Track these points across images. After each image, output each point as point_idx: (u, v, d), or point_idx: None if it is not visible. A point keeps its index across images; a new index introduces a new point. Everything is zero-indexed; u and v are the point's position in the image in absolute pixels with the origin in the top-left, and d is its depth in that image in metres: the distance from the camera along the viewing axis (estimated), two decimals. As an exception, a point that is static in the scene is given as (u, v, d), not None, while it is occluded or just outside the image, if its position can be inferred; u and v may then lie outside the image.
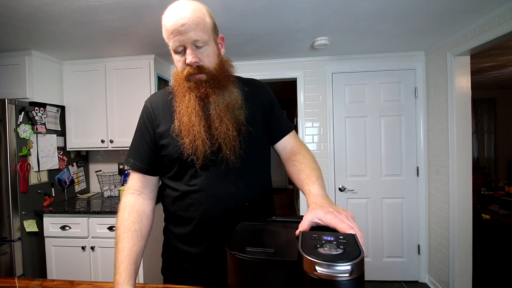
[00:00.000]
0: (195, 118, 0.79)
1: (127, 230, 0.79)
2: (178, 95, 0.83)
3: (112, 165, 2.83)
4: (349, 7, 1.63)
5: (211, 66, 0.81)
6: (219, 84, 0.82)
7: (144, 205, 0.87)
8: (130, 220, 0.81)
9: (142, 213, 0.85)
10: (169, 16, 0.76)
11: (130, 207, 0.83)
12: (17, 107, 2.06)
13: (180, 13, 0.74)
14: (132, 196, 0.86)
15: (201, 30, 0.76)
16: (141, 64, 2.41)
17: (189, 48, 0.76)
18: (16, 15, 1.59)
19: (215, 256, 0.83)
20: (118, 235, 0.79)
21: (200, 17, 0.76)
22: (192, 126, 0.79)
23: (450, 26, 1.92)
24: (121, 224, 0.81)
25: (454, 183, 2.11)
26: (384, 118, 2.56)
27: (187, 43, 0.76)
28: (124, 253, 0.75)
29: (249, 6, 1.58)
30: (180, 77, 0.81)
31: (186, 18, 0.74)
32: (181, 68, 0.81)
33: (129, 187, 0.88)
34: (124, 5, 1.52)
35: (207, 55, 0.79)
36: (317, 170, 0.81)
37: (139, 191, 0.88)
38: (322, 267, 0.41)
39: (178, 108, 0.82)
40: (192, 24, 0.74)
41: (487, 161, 5.25)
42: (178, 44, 0.76)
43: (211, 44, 0.80)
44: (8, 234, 1.98)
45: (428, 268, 2.51)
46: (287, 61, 2.67)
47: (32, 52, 2.16)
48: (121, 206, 0.84)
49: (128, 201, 0.85)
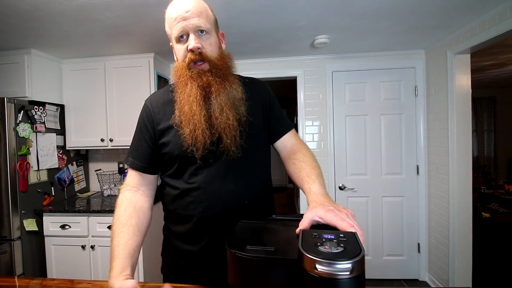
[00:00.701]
0: (196, 107, 0.79)
1: (122, 225, 0.77)
2: (179, 85, 0.82)
3: (112, 164, 2.82)
4: (349, 6, 1.62)
5: (213, 55, 0.81)
6: (220, 74, 0.82)
7: (142, 201, 0.86)
8: (126, 215, 0.80)
9: (139, 208, 0.84)
10: (173, 5, 0.79)
11: (126, 203, 0.83)
12: (16, 106, 2.05)
13: (185, 2, 0.78)
14: (129, 192, 0.86)
15: (204, 18, 0.78)
16: (140, 63, 2.40)
17: (192, 34, 0.77)
18: (15, 13, 1.58)
19: (215, 254, 0.82)
20: (114, 231, 0.77)
21: (203, 7, 0.80)
22: (192, 115, 0.78)
23: (450, 24, 1.91)
24: (117, 219, 0.79)
25: (454, 182, 2.11)
26: (384, 116, 2.56)
27: (190, 29, 0.77)
28: (119, 247, 0.72)
29: (249, 4, 1.58)
30: (182, 66, 0.81)
31: (190, 5, 0.77)
32: (182, 57, 0.81)
33: (127, 184, 0.88)
34: (123, 3, 1.52)
35: (209, 43, 0.80)
36: (317, 169, 0.81)
37: (136, 188, 0.88)
38: (323, 265, 0.40)
39: (179, 98, 0.81)
40: (196, 12, 0.77)
41: (487, 159, 5.26)
42: (181, 30, 0.77)
43: (214, 35, 0.82)
44: (8, 233, 1.98)
45: (428, 266, 2.51)
46: (287, 59, 2.67)
47: (31, 50, 2.16)
48: (118, 203, 0.84)
49: (124, 197, 0.85)
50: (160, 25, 1.85)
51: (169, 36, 0.84)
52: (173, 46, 0.85)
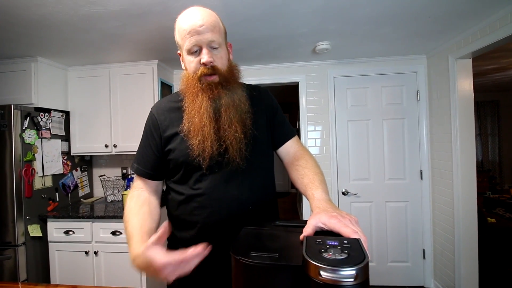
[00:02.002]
0: (207, 120, 0.80)
1: (135, 214, 0.79)
2: (189, 96, 0.84)
3: (115, 169, 2.84)
4: (349, 12, 1.64)
5: (224, 68, 0.83)
6: (229, 87, 0.84)
7: (151, 197, 0.89)
8: (138, 205, 0.83)
9: (150, 201, 0.87)
10: (186, 17, 0.80)
11: (136, 197, 0.86)
12: (23, 113, 2.09)
13: (198, 15, 0.79)
14: (137, 191, 0.90)
15: (217, 33, 0.80)
16: (144, 70, 2.43)
17: (205, 48, 0.79)
18: (23, 23, 1.62)
19: (219, 260, 0.83)
20: (127, 220, 0.78)
21: (216, 21, 0.81)
22: (203, 127, 0.80)
23: (451, 30, 1.92)
24: (129, 211, 0.81)
25: (458, 186, 2.09)
26: (386, 121, 2.56)
27: (204, 44, 0.78)
28: (135, 229, 0.73)
29: (251, 12, 1.60)
30: (193, 77, 0.82)
31: (205, 20, 0.78)
32: (194, 69, 0.82)
33: (134, 186, 0.92)
34: (129, 12, 1.55)
35: (220, 57, 0.82)
36: (320, 175, 0.82)
37: (144, 189, 0.91)
38: (327, 272, 0.41)
39: (189, 109, 0.83)
40: (209, 26, 0.78)
41: (492, 163, 5.21)
42: (194, 43, 0.78)
43: (224, 48, 0.84)
44: (12, 239, 1.99)
45: (434, 273, 2.48)
46: (289, 65, 2.69)
47: (38, 58, 2.20)
48: (127, 201, 0.87)
49: (133, 194, 0.88)
50: (164, 33, 1.89)
51: (178, 45, 0.86)
52: (182, 56, 0.86)
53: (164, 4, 1.47)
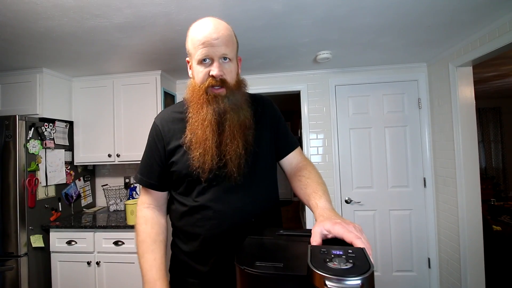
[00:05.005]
0: (209, 133, 0.80)
1: (153, 242, 0.86)
2: (194, 105, 0.83)
3: (118, 179, 2.85)
4: (350, 22, 1.67)
5: (232, 82, 0.83)
6: (236, 101, 0.83)
7: (160, 218, 0.93)
8: (155, 232, 0.88)
9: (162, 225, 0.92)
10: (202, 28, 0.79)
11: (151, 220, 0.90)
12: (27, 123, 2.11)
13: (214, 27, 0.78)
14: (148, 210, 0.92)
15: (230, 47, 0.81)
16: (148, 80, 2.47)
17: (217, 62, 0.79)
18: (30, 35, 1.66)
19: (223, 272, 0.82)
20: (146, 247, 0.85)
21: (230, 35, 0.82)
22: (205, 140, 0.80)
23: (451, 38, 1.95)
24: (147, 236, 0.87)
25: (462, 194, 2.08)
26: (388, 129, 2.56)
27: (216, 56, 0.78)
28: (158, 261, 0.84)
29: (253, 23, 1.63)
30: (200, 88, 0.81)
31: (220, 33, 0.78)
32: (202, 79, 0.81)
33: (143, 201, 0.93)
34: (133, 24, 1.58)
35: (230, 70, 0.82)
36: (323, 185, 0.82)
37: (153, 205, 0.93)
38: (332, 282, 0.40)
39: (193, 120, 0.82)
40: (224, 39, 0.78)
41: (496, 170, 5.17)
42: (206, 54, 0.78)
43: (234, 62, 0.84)
44: (15, 250, 1.99)
45: (440, 282, 2.43)
46: (290, 74, 2.72)
47: (43, 69, 2.24)
48: (140, 220, 0.90)
49: (147, 215, 0.91)
50: (168, 44, 1.92)
51: (188, 53, 0.85)
52: (191, 64, 0.85)
53: (168, 17, 1.50)
